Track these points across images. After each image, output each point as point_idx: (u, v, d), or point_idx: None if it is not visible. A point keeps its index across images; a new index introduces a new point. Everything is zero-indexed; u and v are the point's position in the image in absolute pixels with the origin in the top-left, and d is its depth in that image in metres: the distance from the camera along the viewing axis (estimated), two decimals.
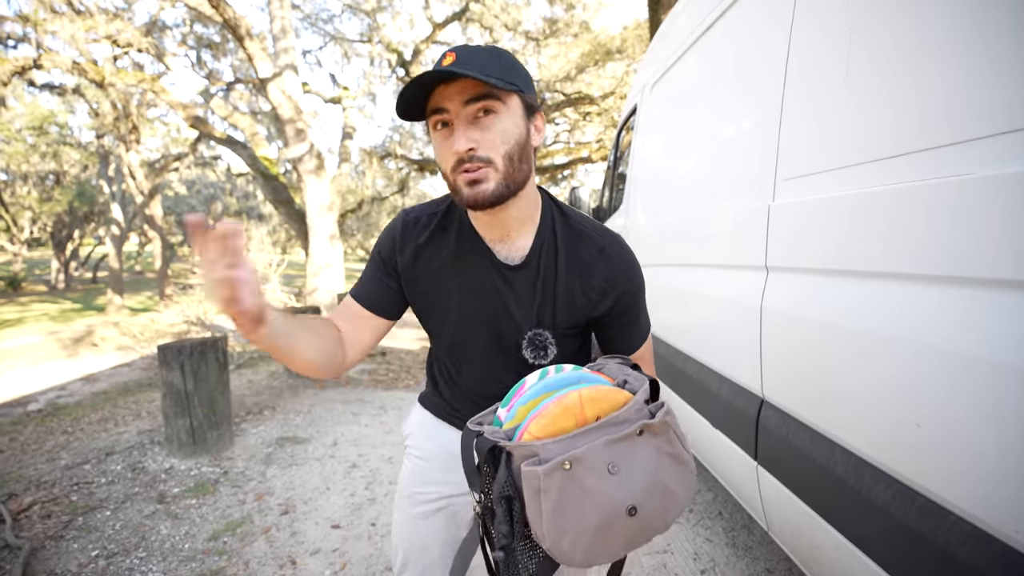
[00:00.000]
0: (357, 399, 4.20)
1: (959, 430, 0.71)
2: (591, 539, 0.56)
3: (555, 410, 0.59)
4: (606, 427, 0.59)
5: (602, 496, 0.56)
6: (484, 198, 0.72)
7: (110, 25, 8.41)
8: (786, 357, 1.16)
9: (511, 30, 12.14)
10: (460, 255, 0.84)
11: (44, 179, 19.07)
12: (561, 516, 0.55)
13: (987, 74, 0.70)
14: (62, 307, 16.59)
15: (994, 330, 0.67)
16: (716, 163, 1.64)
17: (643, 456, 0.59)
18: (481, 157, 0.71)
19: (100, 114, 13.27)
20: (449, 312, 0.86)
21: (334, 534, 2.18)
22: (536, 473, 0.55)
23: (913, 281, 0.81)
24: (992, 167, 0.68)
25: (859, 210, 0.92)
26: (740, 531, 2.12)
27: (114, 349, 10.10)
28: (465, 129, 0.70)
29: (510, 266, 0.83)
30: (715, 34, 1.68)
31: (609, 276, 0.84)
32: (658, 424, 0.60)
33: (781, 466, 1.17)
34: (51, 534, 2.13)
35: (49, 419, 4.11)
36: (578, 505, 0.56)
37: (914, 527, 0.78)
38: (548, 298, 0.83)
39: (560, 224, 0.85)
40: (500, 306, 0.83)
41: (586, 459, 0.56)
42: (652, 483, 0.59)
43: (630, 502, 0.57)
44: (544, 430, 0.59)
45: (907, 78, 0.84)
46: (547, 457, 0.56)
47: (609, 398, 0.61)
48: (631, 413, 0.61)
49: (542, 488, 0.55)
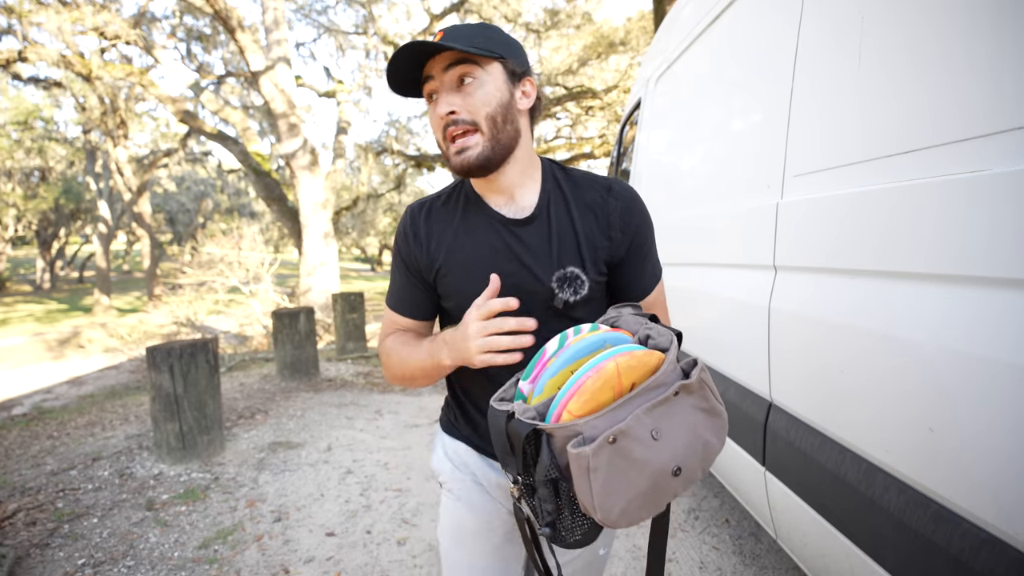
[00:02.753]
0: (352, 403, 4.20)
1: (975, 435, 0.71)
2: (640, 504, 0.60)
3: (593, 385, 0.59)
4: (644, 394, 0.61)
5: (649, 463, 0.59)
6: (471, 162, 0.78)
7: (97, 17, 8.42)
8: (795, 359, 1.16)
9: (511, 21, 12.14)
10: (467, 222, 0.88)
11: (29, 175, 19.08)
12: (612, 489, 0.58)
13: (1010, 65, 0.70)
14: (48, 308, 16.60)
15: (1016, 332, 0.67)
16: (723, 159, 1.64)
17: (681, 416, 0.62)
18: (464, 120, 0.77)
19: (87, 108, 13.26)
20: (468, 282, 0.86)
21: (328, 542, 2.18)
22: (585, 454, 0.56)
23: (928, 281, 0.81)
24: (1014, 162, 0.68)
25: (872, 207, 0.92)
26: (748, 539, 2.12)
27: (101, 351, 10.10)
28: (447, 95, 0.78)
29: (518, 220, 0.86)
30: (722, 25, 1.68)
31: (623, 211, 0.87)
32: (694, 383, 0.62)
33: (790, 472, 1.17)
34: (36, 542, 2.13)
35: (34, 423, 4.11)
36: (627, 475, 0.58)
37: (927, 535, 0.77)
38: (568, 244, 0.85)
39: (562, 177, 0.90)
40: (514, 261, 0.84)
41: (630, 431, 0.58)
42: (692, 440, 0.62)
43: (674, 464, 0.60)
44: (585, 407, 0.59)
45: (923, 69, 0.83)
46: (592, 435, 0.58)
47: (644, 363, 0.62)
48: (667, 376, 0.62)
49: (591, 467, 0.56)
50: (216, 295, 9.20)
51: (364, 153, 14.61)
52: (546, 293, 0.83)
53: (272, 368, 5.31)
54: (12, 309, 15.99)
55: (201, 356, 2.92)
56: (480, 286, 0.81)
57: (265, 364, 5.72)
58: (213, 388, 3.00)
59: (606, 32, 11.99)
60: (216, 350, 3.09)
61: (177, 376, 2.82)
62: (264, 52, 8.41)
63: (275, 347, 4.95)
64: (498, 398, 0.69)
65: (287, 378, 4.82)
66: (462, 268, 0.87)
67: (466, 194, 0.90)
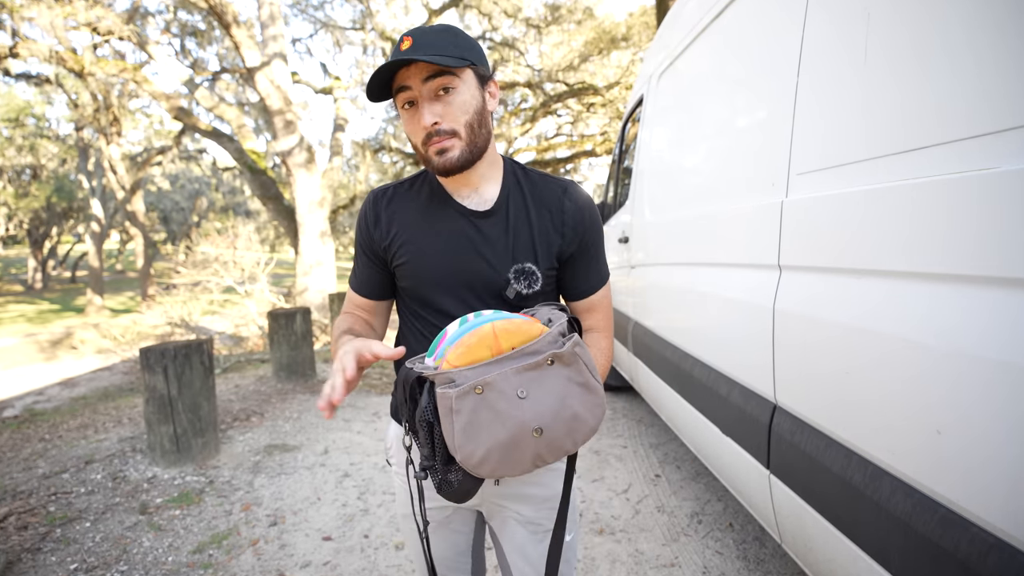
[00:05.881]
0: (349, 404, 4.20)
1: (983, 438, 0.71)
2: (500, 455, 0.66)
3: (470, 340, 0.68)
4: (518, 356, 0.68)
5: (510, 418, 0.66)
6: (452, 164, 0.85)
7: (90, 12, 8.42)
8: (800, 360, 1.16)
9: (511, 16, 12.15)
10: (430, 209, 0.94)
11: (20, 173, 19.09)
12: (472, 434, 0.65)
13: (1015, 63, 0.70)
14: (40, 308, 16.62)
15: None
16: (727, 157, 1.64)
17: (552, 383, 0.69)
18: (445, 130, 0.83)
19: (79, 105, 13.28)
20: (421, 264, 0.92)
21: (325, 546, 2.18)
22: (448, 395, 0.65)
23: (936, 281, 0.81)
24: (1021, 160, 0.68)
25: (878, 206, 0.92)
26: (752, 543, 2.12)
27: (94, 352, 10.11)
28: (429, 105, 0.83)
29: (479, 212, 0.92)
30: (726, 20, 1.68)
31: (575, 212, 0.94)
32: (567, 354, 0.70)
33: (795, 475, 1.17)
34: (28, 546, 2.13)
35: (25, 425, 4.11)
36: (488, 425, 0.66)
37: (935, 539, 0.78)
38: (523, 238, 0.92)
39: (522, 176, 0.97)
40: (472, 251, 0.90)
41: (497, 384, 0.66)
42: (559, 408, 0.69)
43: (536, 423, 0.67)
44: (461, 359, 0.67)
45: (929, 66, 0.83)
46: (462, 383, 0.66)
47: (523, 330, 0.70)
48: (543, 345, 0.70)
49: (453, 408, 0.65)
50: (211, 295, 9.21)
51: (362, 150, 14.61)
52: (501, 283, 0.90)
53: (268, 369, 5.31)
54: (3, 309, 16.00)
55: (196, 357, 2.92)
56: (436, 270, 0.90)
57: (261, 365, 5.73)
58: (208, 390, 3.00)
59: (608, 27, 11.99)
60: (211, 351, 3.09)
61: (171, 378, 2.82)
62: (260, 48, 8.41)
63: (271, 348, 4.95)
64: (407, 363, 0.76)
65: (283, 380, 4.82)
66: (421, 252, 0.92)
67: (431, 183, 0.96)
